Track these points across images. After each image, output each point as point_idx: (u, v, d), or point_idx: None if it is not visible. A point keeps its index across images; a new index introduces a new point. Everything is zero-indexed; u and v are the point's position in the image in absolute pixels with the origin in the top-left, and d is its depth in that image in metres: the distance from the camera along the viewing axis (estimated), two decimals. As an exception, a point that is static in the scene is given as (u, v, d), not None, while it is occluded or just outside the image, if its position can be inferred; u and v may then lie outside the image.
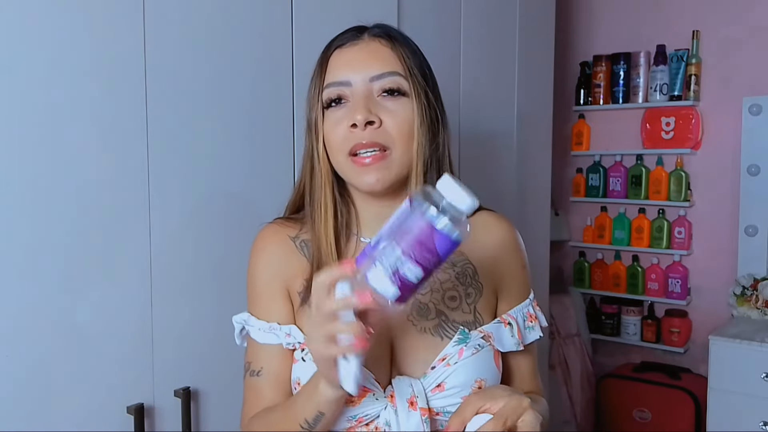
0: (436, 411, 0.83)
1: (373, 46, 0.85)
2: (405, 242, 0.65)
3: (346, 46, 0.86)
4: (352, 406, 0.81)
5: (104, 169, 1.04)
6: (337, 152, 0.84)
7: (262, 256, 0.91)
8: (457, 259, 0.90)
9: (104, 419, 1.05)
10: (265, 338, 0.88)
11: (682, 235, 2.63)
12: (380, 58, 0.84)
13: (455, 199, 0.65)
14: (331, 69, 0.85)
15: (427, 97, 0.85)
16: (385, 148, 0.82)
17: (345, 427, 0.84)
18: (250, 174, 1.26)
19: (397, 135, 0.83)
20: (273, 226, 0.93)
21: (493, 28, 1.94)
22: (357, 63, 0.84)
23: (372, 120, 0.81)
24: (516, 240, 0.95)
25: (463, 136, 1.78)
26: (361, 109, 0.81)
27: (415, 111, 0.84)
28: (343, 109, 0.84)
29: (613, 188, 2.75)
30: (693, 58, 2.56)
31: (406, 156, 0.84)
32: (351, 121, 0.82)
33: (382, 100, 0.83)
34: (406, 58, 0.85)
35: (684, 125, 2.60)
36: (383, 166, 0.82)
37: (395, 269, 0.65)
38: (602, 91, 2.76)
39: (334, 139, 0.84)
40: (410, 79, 0.84)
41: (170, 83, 1.12)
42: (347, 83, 0.84)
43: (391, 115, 0.83)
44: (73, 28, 0.99)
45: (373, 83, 0.83)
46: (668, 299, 2.67)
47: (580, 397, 2.65)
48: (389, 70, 0.84)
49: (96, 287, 1.04)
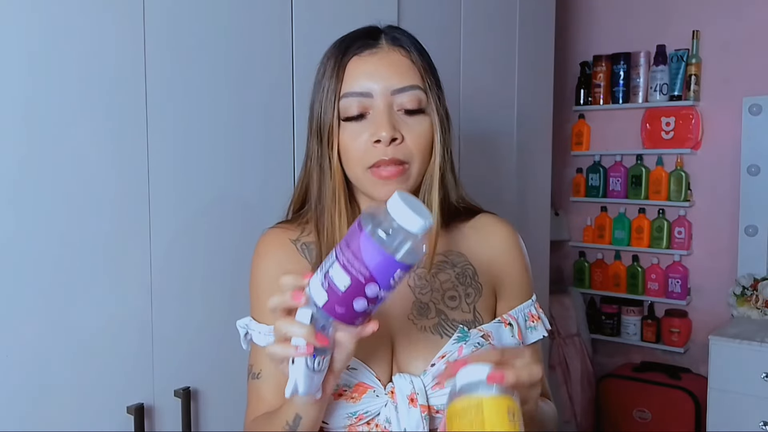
0: (436, 408, 0.84)
1: (394, 57, 0.85)
2: (338, 247, 0.65)
3: (364, 55, 0.84)
4: (353, 402, 0.82)
5: (105, 171, 1.04)
6: (356, 165, 0.84)
7: (264, 260, 0.92)
8: (457, 260, 0.91)
9: (104, 419, 1.05)
10: (265, 341, 0.88)
11: (682, 235, 2.63)
12: (401, 70, 0.84)
13: (404, 221, 0.63)
14: (350, 78, 0.84)
15: (444, 108, 0.87)
16: (404, 162, 0.83)
17: (346, 424, 0.84)
18: (250, 176, 1.26)
19: (417, 150, 0.84)
20: (275, 230, 0.94)
21: (493, 28, 1.94)
22: (378, 75, 0.83)
23: (396, 137, 0.82)
24: (516, 242, 0.95)
25: (463, 136, 1.78)
26: (386, 125, 0.81)
27: (435, 125, 0.85)
28: (364, 122, 0.83)
29: (613, 188, 2.75)
30: (693, 58, 2.56)
31: (423, 168, 0.86)
32: (375, 137, 0.82)
33: (401, 115, 0.84)
34: (425, 70, 0.86)
35: (684, 125, 2.61)
36: (402, 180, 0.84)
37: (326, 272, 0.65)
38: (602, 91, 2.77)
39: (353, 151, 0.84)
40: (429, 92, 0.85)
41: (170, 85, 1.12)
42: (368, 94, 0.83)
43: (411, 130, 0.84)
44: (73, 28, 0.99)
45: (395, 96, 0.83)
46: (668, 299, 2.67)
47: (580, 397, 2.65)
48: (410, 84, 0.84)
49: (96, 288, 1.04)
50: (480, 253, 0.92)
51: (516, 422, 0.64)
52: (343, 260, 0.64)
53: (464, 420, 0.63)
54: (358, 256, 0.63)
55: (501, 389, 0.65)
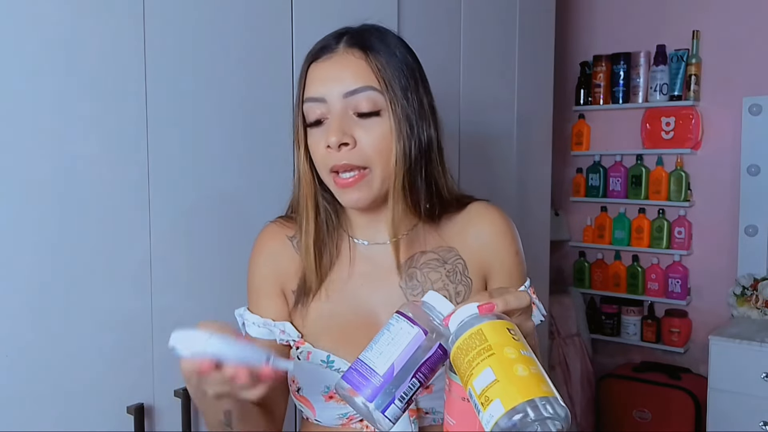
0: (425, 411, 0.85)
1: (347, 59, 0.83)
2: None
3: (321, 60, 0.85)
4: (343, 404, 0.83)
5: (104, 170, 1.04)
6: (321, 169, 0.86)
7: (261, 256, 0.94)
8: (447, 256, 0.91)
9: (104, 419, 1.05)
10: (259, 333, 0.91)
11: (682, 235, 2.63)
12: (353, 72, 0.82)
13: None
14: (309, 84, 0.85)
15: (404, 109, 0.83)
16: (363, 168, 0.83)
17: (336, 424, 0.86)
18: (250, 175, 1.26)
19: (375, 153, 0.82)
20: (273, 227, 0.96)
21: (493, 28, 1.94)
22: (330, 79, 0.83)
23: (346, 141, 0.81)
24: (506, 227, 0.94)
25: (463, 137, 1.78)
26: (334, 130, 0.81)
27: (393, 126, 0.82)
28: (322, 127, 0.84)
29: (613, 188, 2.75)
30: (693, 58, 2.56)
31: (387, 171, 0.84)
32: (326, 143, 0.82)
33: (357, 118, 0.83)
34: (382, 69, 0.82)
35: (684, 125, 2.60)
36: (364, 184, 0.83)
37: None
38: (602, 91, 2.76)
39: (316, 157, 0.85)
40: (386, 92, 0.82)
41: (170, 83, 1.12)
42: (322, 100, 0.83)
43: (367, 133, 0.82)
44: (72, 29, 0.99)
45: (348, 99, 0.82)
46: (668, 299, 2.67)
47: (580, 397, 2.65)
48: (362, 85, 0.82)
49: (96, 287, 1.04)
50: (471, 243, 0.92)
51: (520, 340, 0.63)
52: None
53: (470, 352, 0.62)
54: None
55: (495, 316, 0.65)
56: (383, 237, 0.90)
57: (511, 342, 0.62)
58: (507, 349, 0.61)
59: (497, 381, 0.59)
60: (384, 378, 0.64)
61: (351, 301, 0.89)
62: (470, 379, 0.61)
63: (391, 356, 0.65)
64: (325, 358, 0.87)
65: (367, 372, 0.65)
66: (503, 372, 0.59)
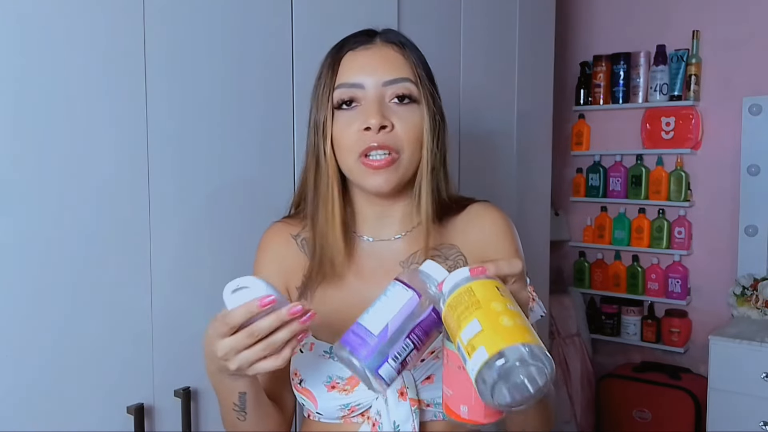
0: (426, 402, 0.86)
1: (386, 51, 0.88)
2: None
3: (358, 50, 0.88)
4: (345, 394, 0.86)
5: (104, 170, 1.04)
6: (348, 153, 0.87)
7: (265, 253, 0.97)
8: (449, 252, 0.93)
9: (104, 419, 1.05)
10: None
11: (682, 235, 2.63)
12: (393, 64, 0.87)
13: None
14: (344, 71, 0.88)
15: (435, 102, 0.89)
16: (394, 151, 0.86)
17: (338, 415, 0.88)
18: (250, 173, 1.26)
19: (407, 140, 0.86)
20: (277, 225, 0.98)
21: (493, 28, 1.94)
22: (370, 67, 0.87)
23: (385, 124, 0.85)
24: (506, 226, 0.96)
25: (463, 136, 1.78)
26: (375, 113, 0.84)
27: (425, 117, 0.88)
28: (355, 111, 0.86)
29: (613, 188, 2.75)
30: (693, 58, 2.56)
31: (414, 159, 0.88)
32: (365, 125, 0.84)
33: (393, 105, 0.87)
34: (417, 66, 0.89)
35: (684, 125, 2.61)
36: (392, 169, 0.86)
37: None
38: (602, 91, 2.77)
39: (345, 140, 0.87)
40: (420, 85, 0.88)
41: (170, 82, 1.12)
42: (360, 86, 0.86)
43: (401, 120, 0.86)
44: (72, 28, 0.99)
45: (386, 88, 0.86)
46: (668, 299, 2.67)
47: (580, 397, 2.65)
48: (401, 76, 0.87)
49: (96, 287, 1.04)
50: (472, 240, 0.94)
51: (507, 296, 0.65)
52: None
53: (459, 307, 0.64)
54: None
55: (485, 277, 0.67)
56: (388, 233, 0.93)
57: (498, 297, 0.64)
58: (494, 303, 0.63)
59: (482, 330, 0.61)
60: (378, 338, 0.68)
61: (354, 296, 0.91)
62: (458, 332, 0.63)
63: (385, 318, 0.68)
64: (327, 349, 0.88)
65: (363, 333, 0.68)
66: (489, 322, 0.61)
